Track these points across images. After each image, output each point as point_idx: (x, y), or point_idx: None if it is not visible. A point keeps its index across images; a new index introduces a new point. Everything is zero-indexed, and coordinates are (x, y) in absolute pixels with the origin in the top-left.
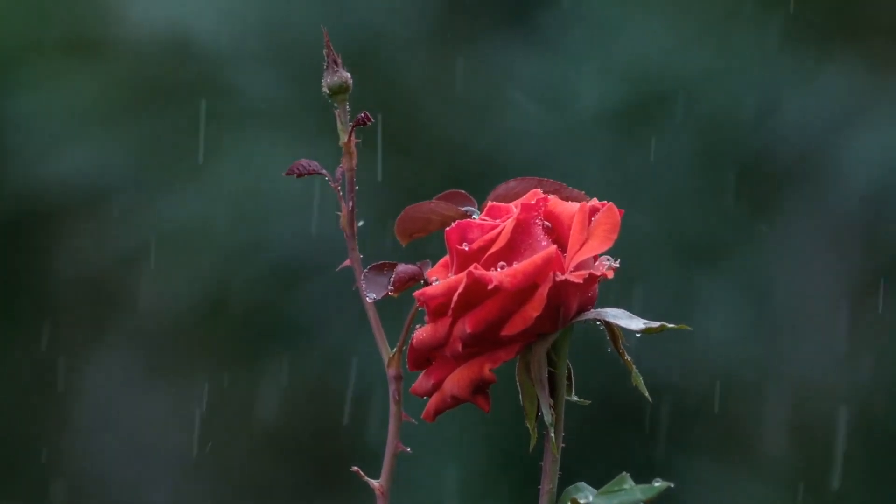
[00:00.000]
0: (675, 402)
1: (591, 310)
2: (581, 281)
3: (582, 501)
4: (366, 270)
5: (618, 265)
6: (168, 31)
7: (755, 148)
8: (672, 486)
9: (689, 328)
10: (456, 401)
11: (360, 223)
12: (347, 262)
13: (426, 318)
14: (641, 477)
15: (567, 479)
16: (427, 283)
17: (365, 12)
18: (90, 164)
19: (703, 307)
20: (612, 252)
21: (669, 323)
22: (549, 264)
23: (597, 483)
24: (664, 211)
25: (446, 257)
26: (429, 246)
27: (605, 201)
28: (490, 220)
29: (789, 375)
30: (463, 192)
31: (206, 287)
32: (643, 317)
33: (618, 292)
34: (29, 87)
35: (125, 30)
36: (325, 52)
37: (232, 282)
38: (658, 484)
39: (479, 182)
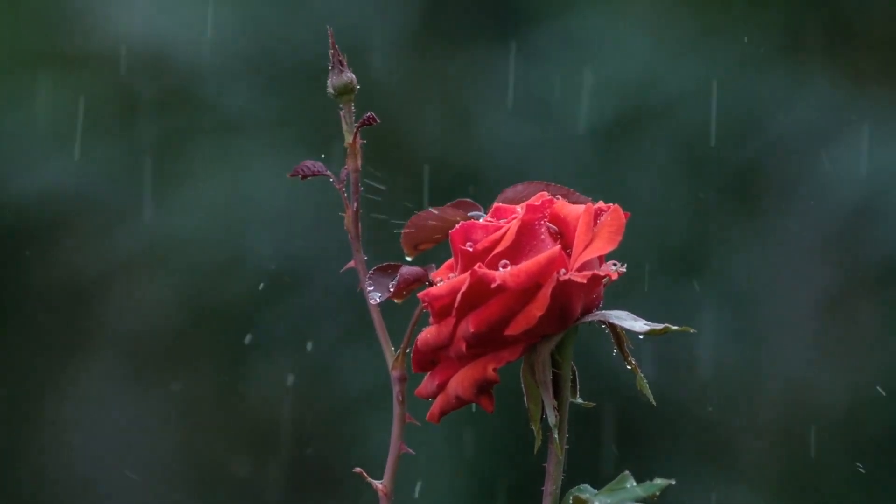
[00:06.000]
0: (659, 408)
1: (596, 311)
2: (585, 281)
3: (584, 496)
4: (370, 272)
5: (624, 269)
6: (146, 45)
7: (740, 160)
8: (673, 482)
9: (693, 330)
10: (460, 401)
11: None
12: (352, 264)
13: (431, 319)
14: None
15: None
16: (432, 286)
17: (344, 22)
18: (70, 177)
19: (689, 316)
20: (613, 256)
21: (673, 325)
22: (553, 264)
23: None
24: (649, 222)
25: (451, 260)
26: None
27: (611, 203)
28: (495, 222)
29: (774, 382)
30: (470, 200)
31: (190, 298)
32: None
33: (610, 301)
34: (8, 102)
35: (103, 44)
36: (330, 52)
37: (216, 292)
38: (659, 481)
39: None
